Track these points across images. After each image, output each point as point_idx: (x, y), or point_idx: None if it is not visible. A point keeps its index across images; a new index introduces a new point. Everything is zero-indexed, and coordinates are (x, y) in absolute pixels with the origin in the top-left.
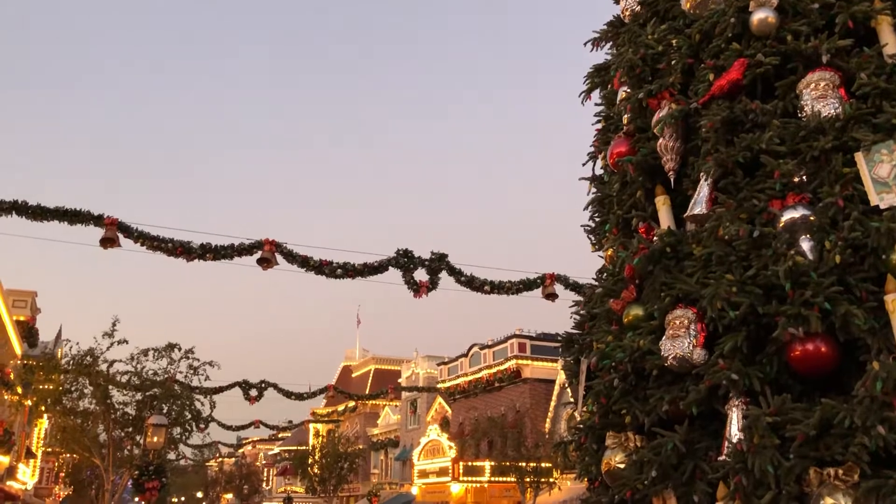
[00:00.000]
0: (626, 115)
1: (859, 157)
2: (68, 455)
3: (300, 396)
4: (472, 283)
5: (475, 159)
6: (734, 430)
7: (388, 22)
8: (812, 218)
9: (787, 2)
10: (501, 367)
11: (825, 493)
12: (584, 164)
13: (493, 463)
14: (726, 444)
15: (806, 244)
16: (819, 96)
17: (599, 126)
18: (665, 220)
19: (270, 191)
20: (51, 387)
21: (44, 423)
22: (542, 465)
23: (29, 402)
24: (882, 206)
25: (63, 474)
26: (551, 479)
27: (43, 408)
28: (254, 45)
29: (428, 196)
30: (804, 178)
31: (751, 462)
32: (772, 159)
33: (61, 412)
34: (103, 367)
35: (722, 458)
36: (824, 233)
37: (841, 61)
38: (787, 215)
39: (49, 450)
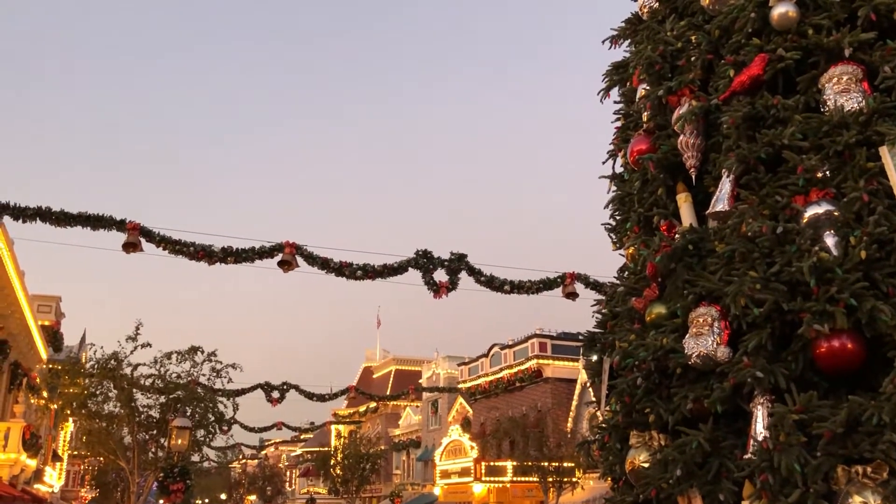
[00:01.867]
0: (645, 113)
1: (884, 151)
2: (94, 458)
3: (322, 398)
4: (492, 283)
5: (498, 155)
6: (760, 427)
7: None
8: (836, 213)
9: None
10: (522, 367)
11: (853, 492)
12: (604, 163)
13: (515, 463)
14: (752, 442)
15: (830, 240)
16: (842, 90)
17: (619, 124)
18: (687, 217)
19: (296, 191)
20: (76, 391)
21: (69, 427)
22: (565, 464)
23: (55, 406)
24: None
25: (89, 477)
26: (574, 479)
27: (68, 411)
28: (272, 41)
29: (450, 192)
30: (827, 173)
31: (777, 460)
32: (794, 155)
33: (86, 415)
34: (127, 370)
35: (748, 456)
36: (849, 228)
37: (863, 55)
38: (811, 211)
39: (75, 453)
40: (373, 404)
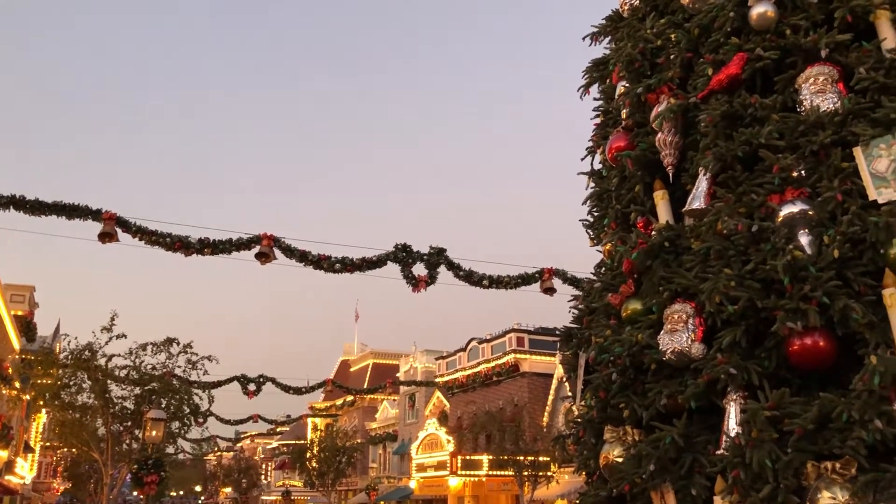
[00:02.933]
0: (624, 110)
1: (858, 151)
2: (67, 449)
3: (298, 391)
4: (471, 278)
5: (474, 153)
6: (732, 424)
7: (400, 19)
8: (811, 212)
9: None
10: (500, 362)
11: (823, 487)
12: (582, 159)
13: (491, 457)
14: (724, 438)
15: (805, 239)
16: (818, 91)
17: (598, 120)
18: (663, 214)
19: (271, 185)
20: (49, 381)
21: (42, 418)
22: (541, 458)
23: (27, 397)
24: (880, 201)
25: (61, 469)
26: (549, 473)
27: (41, 402)
28: (256, 50)
29: (425, 189)
30: (803, 172)
31: (749, 456)
32: (771, 154)
33: (60, 407)
34: (102, 361)
35: (720, 452)
36: (823, 227)
37: (840, 56)
38: (786, 210)
39: (47, 444)
40: (350, 398)
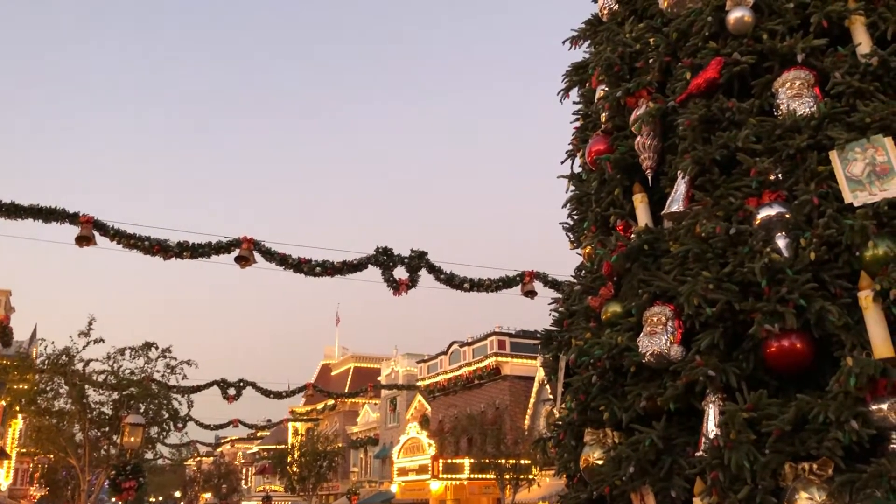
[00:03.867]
0: (604, 114)
1: (833, 155)
2: (43, 455)
3: (279, 395)
4: (452, 281)
5: (456, 155)
6: (711, 425)
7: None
8: (787, 215)
9: (763, 1)
10: (481, 365)
11: (800, 488)
12: (562, 162)
13: (472, 460)
14: (703, 439)
15: (781, 241)
16: (794, 95)
17: (578, 124)
18: (643, 217)
19: (246, 188)
20: (25, 387)
21: (18, 424)
22: (522, 461)
23: (3, 403)
24: (856, 204)
25: (38, 475)
26: (530, 476)
27: (17, 408)
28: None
29: (405, 193)
30: (780, 175)
31: (727, 457)
32: (748, 157)
33: (36, 412)
34: (79, 366)
35: (699, 453)
36: (800, 230)
37: (816, 60)
38: (763, 213)
39: (24, 450)
40: (331, 402)
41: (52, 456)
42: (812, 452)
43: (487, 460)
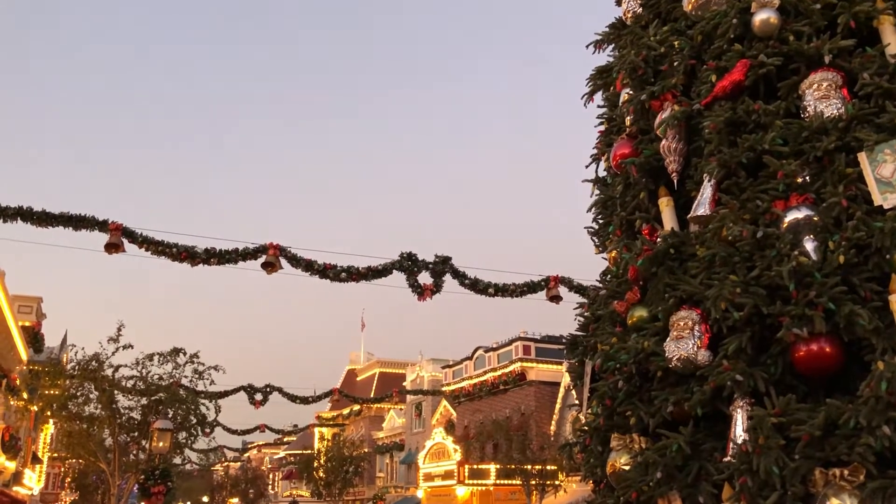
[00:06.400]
0: (628, 117)
1: (862, 157)
2: (74, 460)
3: (305, 400)
4: (477, 286)
5: (486, 158)
6: (739, 431)
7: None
8: (815, 218)
9: (789, 2)
10: (506, 370)
11: (831, 494)
12: (587, 167)
13: (498, 466)
14: (731, 445)
15: (810, 244)
16: (822, 97)
17: (602, 128)
18: (668, 221)
19: (276, 194)
20: (56, 392)
21: (49, 429)
22: (548, 467)
23: (35, 408)
24: (886, 206)
25: (69, 479)
26: (557, 482)
27: (49, 413)
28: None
29: (433, 196)
30: (807, 178)
31: (756, 463)
32: (775, 160)
33: (67, 417)
34: (108, 371)
35: (727, 459)
36: (828, 233)
37: (843, 62)
38: (791, 216)
39: (55, 455)
40: (356, 407)
41: (82, 461)
42: (843, 458)
43: (513, 466)
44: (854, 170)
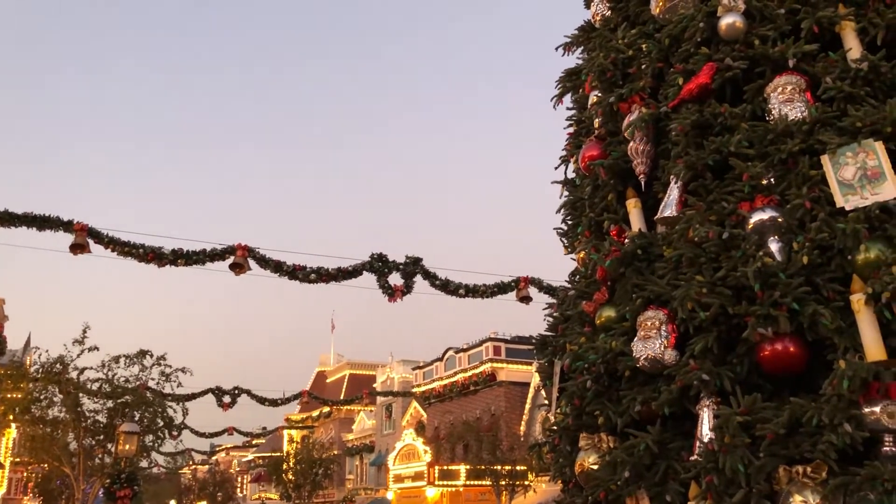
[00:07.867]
0: (597, 119)
1: (825, 159)
2: (38, 465)
3: (274, 403)
4: (447, 287)
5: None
6: (705, 429)
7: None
8: (780, 220)
9: (755, 7)
10: (477, 371)
11: (794, 491)
12: (556, 168)
13: (468, 466)
14: (698, 443)
15: (774, 245)
16: (786, 100)
17: (571, 130)
18: (636, 222)
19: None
20: (19, 395)
21: (12, 433)
22: (518, 467)
23: None
24: (847, 208)
25: (32, 484)
26: (526, 482)
27: (11, 417)
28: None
29: (400, 196)
30: (772, 180)
31: (722, 461)
32: (740, 162)
33: (30, 421)
34: (73, 374)
35: (694, 457)
36: (792, 234)
37: (807, 65)
38: (756, 217)
39: (17, 460)
40: (326, 409)
41: (46, 465)
42: (806, 455)
43: (483, 466)
44: (818, 172)
